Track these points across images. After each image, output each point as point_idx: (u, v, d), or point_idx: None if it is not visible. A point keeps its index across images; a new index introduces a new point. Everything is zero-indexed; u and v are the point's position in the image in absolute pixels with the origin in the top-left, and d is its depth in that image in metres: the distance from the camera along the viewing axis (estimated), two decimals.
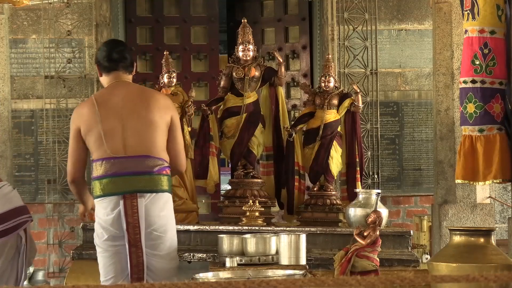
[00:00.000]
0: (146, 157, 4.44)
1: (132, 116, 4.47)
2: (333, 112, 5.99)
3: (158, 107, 4.50)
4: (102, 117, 4.48)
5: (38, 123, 8.69)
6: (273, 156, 6.13)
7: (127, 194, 4.41)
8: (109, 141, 4.45)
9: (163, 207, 4.47)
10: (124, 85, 4.59)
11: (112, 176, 4.43)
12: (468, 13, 5.26)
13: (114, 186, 4.43)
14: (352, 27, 8.74)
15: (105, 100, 4.56)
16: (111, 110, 4.49)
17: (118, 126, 4.45)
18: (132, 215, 4.40)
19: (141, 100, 4.51)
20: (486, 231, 4.29)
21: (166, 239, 4.49)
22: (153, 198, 4.43)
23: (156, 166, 4.45)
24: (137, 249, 4.42)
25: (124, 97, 4.52)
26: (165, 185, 4.48)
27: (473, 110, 5.27)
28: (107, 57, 4.63)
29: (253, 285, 2.15)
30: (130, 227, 4.40)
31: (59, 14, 8.67)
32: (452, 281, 2.21)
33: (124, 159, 4.43)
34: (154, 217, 4.43)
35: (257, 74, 5.98)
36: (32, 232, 8.50)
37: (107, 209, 4.44)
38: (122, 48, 4.68)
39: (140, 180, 4.43)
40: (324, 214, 5.90)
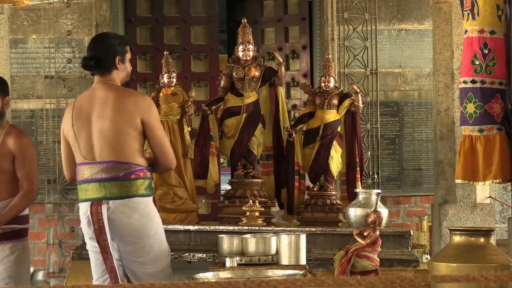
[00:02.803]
0: (113, 162, 4.39)
1: (99, 120, 4.41)
2: (333, 112, 5.99)
3: (124, 111, 4.41)
4: (74, 121, 4.49)
5: (38, 123, 8.69)
6: (273, 156, 6.13)
7: (94, 201, 4.39)
8: (84, 147, 4.45)
9: (132, 214, 4.39)
10: (101, 88, 4.51)
11: (84, 182, 4.44)
12: (468, 13, 5.26)
13: (84, 193, 4.45)
14: (352, 27, 8.75)
15: (80, 103, 4.54)
16: (82, 114, 4.47)
17: (87, 131, 4.43)
18: (98, 221, 4.37)
19: (110, 103, 4.43)
20: (486, 231, 4.29)
21: (143, 245, 4.43)
22: (118, 204, 4.38)
23: (122, 171, 4.38)
24: (108, 255, 4.40)
25: (95, 100, 4.47)
26: (133, 190, 4.40)
27: (473, 110, 5.28)
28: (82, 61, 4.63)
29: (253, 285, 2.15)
30: (97, 233, 4.38)
31: (59, 14, 8.68)
32: (452, 281, 2.21)
33: (92, 164, 4.42)
34: (122, 224, 4.38)
35: (257, 74, 5.98)
36: (32, 232, 8.54)
37: (81, 215, 4.48)
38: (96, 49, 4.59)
39: (106, 186, 4.39)
40: (324, 214, 5.90)
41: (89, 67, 4.57)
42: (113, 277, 4.41)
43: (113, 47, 4.57)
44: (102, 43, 4.61)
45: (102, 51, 4.57)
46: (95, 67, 4.54)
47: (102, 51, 4.57)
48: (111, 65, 4.53)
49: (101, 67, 4.54)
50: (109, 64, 4.53)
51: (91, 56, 4.57)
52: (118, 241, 4.44)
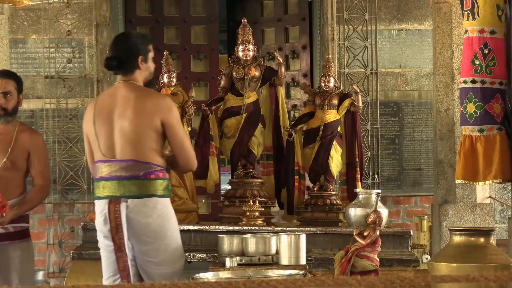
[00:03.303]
0: (133, 161, 4.40)
1: (120, 120, 4.42)
2: (333, 112, 5.99)
3: (144, 112, 4.42)
4: (95, 119, 4.48)
5: (38, 123, 8.69)
6: (273, 156, 6.12)
7: (112, 199, 4.39)
8: (102, 143, 4.45)
9: (150, 213, 4.41)
10: (123, 87, 4.52)
11: (102, 180, 4.44)
12: (468, 13, 5.26)
13: (103, 190, 4.44)
14: (352, 27, 8.75)
15: (102, 101, 4.55)
16: (103, 112, 4.47)
17: (109, 129, 4.43)
18: (115, 219, 4.37)
19: (131, 104, 4.43)
20: (486, 231, 4.29)
21: (159, 245, 4.44)
22: (137, 203, 4.38)
23: (142, 170, 4.39)
24: (122, 254, 4.39)
25: (117, 99, 4.47)
26: (152, 190, 4.41)
27: (473, 110, 5.28)
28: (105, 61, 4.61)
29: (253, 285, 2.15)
30: (114, 231, 4.38)
31: (59, 14, 8.68)
32: (452, 281, 2.21)
33: (113, 162, 4.42)
34: (140, 223, 4.39)
35: (257, 74, 5.98)
36: (32, 232, 8.53)
37: (97, 212, 4.47)
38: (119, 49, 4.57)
39: (125, 185, 4.39)
40: (324, 214, 5.90)
41: (112, 67, 4.55)
42: (124, 277, 4.41)
43: (136, 46, 4.56)
44: (125, 43, 4.59)
45: (124, 51, 4.55)
46: (117, 67, 4.52)
47: (125, 51, 4.55)
48: (133, 65, 4.53)
49: (124, 67, 4.53)
50: (132, 64, 4.52)
51: (114, 56, 4.55)
52: (134, 241, 4.43)
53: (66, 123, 8.66)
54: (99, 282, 4.65)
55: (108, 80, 8.74)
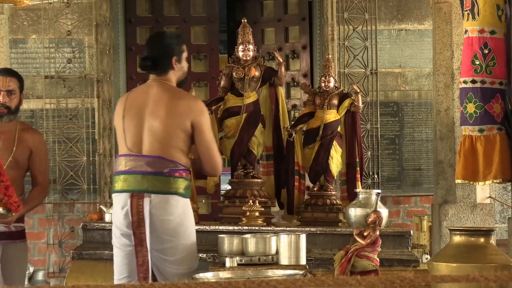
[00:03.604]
0: (159, 158, 4.45)
1: (151, 116, 4.48)
2: (333, 112, 5.99)
3: (177, 113, 4.49)
4: (126, 113, 4.54)
5: (38, 123, 8.69)
6: (273, 156, 6.12)
7: (135, 193, 4.43)
8: (129, 138, 4.51)
9: (172, 210, 4.46)
10: (157, 86, 4.58)
11: (125, 173, 4.48)
12: (468, 13, 5.26)
13: (125, 183, 4.48)
14: (352, 27, 8.75)
15: (134, 97, 4.62)
16: (134, 108, 4.53)
17: (139, 124, 4.49)
18: (138, 214, 4.41)
19: (163, 103, 4.51)
20: (486, 231, 4.29)
21: (177, 244, 4.48)
22: (160, 199, 4.44)
23: (167, 167, 4.45)
24: (143, 248, 4.43)
25: (149, 97, 4.54)
26: (176, 187, 4.47)
27: (473, 110, 5.27)
28: (140, 61, 4.69)
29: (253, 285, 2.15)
30: (135, 226, 4.42)
31: (59, 14, 8.67)
32: (452, 281, 2.21)
33: (138, 157, 4.47)
34: (160, 220, 4.43)
35: (257, 74, 5.98)
36: (32, 232, 8.54)
37: (118, 206, 4.50)
38: (153, 49, 4.63)
39: (149, 180, 4.44)
40: (324, 214, 5.90)
41: (146, 67, 4.62)
42: (142, 271, 4.43)
43: (170, 47, 4.61)
44: (159, 43, 4.65)
45: (159, 51, 4.61)
46: (151, 67, 4.59)
47: (159, 51, 4.61)
48: (167, 65, 4.59)
49: (158, 68, 4.59)
50: (166, 64, 4.58)
51: (148, 56, 4.61)
52: (153, 238, 4.46)
53: (66, 123, 8.66)
54: (99, 282, 4.66)
55: (108, 80, 8.74)
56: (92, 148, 8.63)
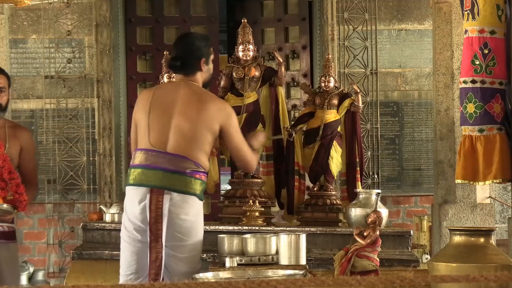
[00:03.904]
0: (183, 157, 4.50)
1: (180, 116, 4.54)
2: (333, 112, 5.98)
3: (206, 115, 4.56)
4: (152, 109, 4.57)
5: (38, 123, 8.69)
6: (273, 156, 6.12)
7: (155, 189, 4.45)
8: (154, 134, 4.54)
9: (189, 210, 4.52)
10: (186, 86, 4.64)
11: (145, 168, 4.51)
12: (468, 13, 5.26)
13: (145, 177, 4.50)
14: (352, 27, 8.75)
15: (162, 93, 4.66)
16: (163, 104, 4.58)
17: (165, 122, 4.53)
18: (156, 210, 4.44)
19: (194, 103, 4.57)
20: (486, 231, 4.29)
21: (188, 243, 4.54)
22: (179, 198, 4.49)
23: (189, 168, 4.50)
24: (157, 245, 4.46)
25: (179, 96, 4.59)
26: (195, 188, 4.54)
27: (473, 110, 5.28)
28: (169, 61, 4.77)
29: (253, 285, 2.15)
30: (153, 221, 4.44)
31: (59, 14, 8.67)
32: (452, 281, 2.21)
33: (161, 154, 4.50)
34: (177, 218, 4.48)
35: (257, 74, 5.98)
36: (32, 232, 8.55)
37: (134, 200, 4.51)
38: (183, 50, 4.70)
39: (170, 178, 4.48)
40: (324, 214, 5.90)
41: (175, 67, 4.69)
42: (155, 268, 4.45)
43: (200, 49, 4.70)
44: (189, 45, 4.72)
45: (188, 53, 4.68)
46: (180, 68, 4.66)
47: (188, 52, 4.68)
48: (196, 66, 4.66)
49: (186, 68, 4.66)
50: (195, 65, 4.66)
51: (178, 56, 4.67)
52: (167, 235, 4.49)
53: (66, 123, 8.66)
54: (99, 282, 4.66)
55: (108, 80, 8.74)
56: (92, 148, 8.63)
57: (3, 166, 4.87)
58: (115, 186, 8.72)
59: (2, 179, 4.87)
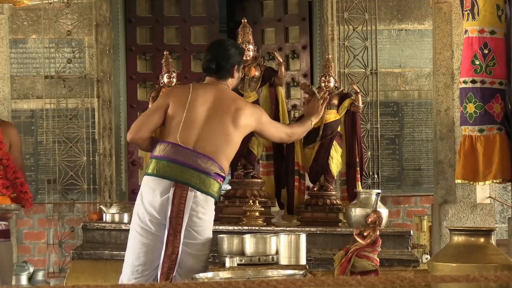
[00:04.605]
0: (210, 159, 4.59)
1: (215, 118, 4.64)
2: (333, 112, 5.98)
3: (239, 122, 4.70)
4: (190, 106, 4.65)
5: (38, 123, 8.69)
6: (273, 156, 6.12)
7: (179, 184, 4.50)
8: (185, 130, 4.60)
9: (206, 210, 4.62)
10: (219, 88, 4.77)
11: (170, 161, 4.55)
12: (468, 13, 5.26)
13: (170, 170, 4.54)
14: (352, 27, 8.75)
15: (200, 92, 4.74)
16: (200, 103, 4.67)
17: (200, 121, 4.62)
18: (179, 205, 4.49)
19: (230, 108, 4.69)
20: (486, 231, 4.29)
21: (201, 240, 4.63)
22: (201, 197, 4.58)
23: (213, 171, 4.60)
24: (175, 239, 4.50)
25: (217, 98, 4.71)
26: (215, 191, 4.65)
27: (473, 110, 5.27)
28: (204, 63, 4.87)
29: (253, 285, 2.15)
30: (174, 216, 4.49)
31: (59, 14, 8.68)
32: (452, 281, 2.21)
33: (189, 151, 4.57)
34: (196, 217, 4.57)
35: (257, 74, 5.98)
36: (32, 232, 8.55)
37: (155, 191, 4.55)
38: (219, 54, 4.81)
39: (195, 176, 4.55)
40: (324, 214, 5.90)
41: (210, 70, 4.81)
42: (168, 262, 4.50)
43: (235, 56, 4.87)
44: (226, 50, 4.87)
45: (224, 58, 4.83)
46: (215, 71, 4.79)
47: (224, 57, 4.83)
48: (229, 72, 4.83)
49: (220, 72, 4.80)
50: (228, 71, 4.82)
51: (213, 59, 4.80)
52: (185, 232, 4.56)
53: (66, 123, 8.66)
54: (99, 282, 4.66)
55: (108, 80, 8.74)
56: (92, 148, 8.63)
57: (7, 165, 4.88)
58: (115, 186, 8.72)
59: (6, 178, 4.88)
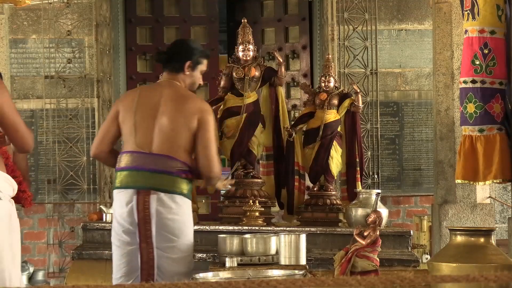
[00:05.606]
0: (168, 157, 4.48)
1: (162, 116, 4.52)
2: (333, 112, 5.99)
3: (185, 111, 4.53)
4: (137, 109, 4.57)
5: (38, 123, 8.69)
6: (273, 156, 6.12)
7: (141, 190, 4.45)
8: (139, 135, 4.54)
9: (177, 210, 4.49)
10: (168, 85, 4.66)
11: (131, 169, 4.50)
12: (468, 13, 5.27)
13: (131, 179, 4.49)
14: (352, 27, 8.74)
15: (147, 94, 4.68)
16: (147, 106, 4.57)
17: (150, 122, 4.53)
18: (144, 210, 4.43)
19: (174, 102, 4.56)
20: (486, 231, 4.29)
21: (180, 243, 4.50)
22: (166, 197, 4.46)
23: (175, 167, 4.48)
24: (148, 246, 4.44)
25: (163, 96, 4.60)
26: (182, 188, 4.51)
27: (473, 110, 5.28)
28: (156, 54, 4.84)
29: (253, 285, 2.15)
30: (141, 223, 4.44)
31: (59, 14, 8.67)
32: (452, 281, 2.21)
33: (146, 155, 4.50)
34: (166, 218, 4.46)
35: (257, 74, 5.98)
36: (32, 232, 8.54)
37: (122, 202, 4.51)
38: (173, 48, 4.75)
39: (157, 178, 4.47)
40: (324, 214, 5.90)
41: (160, 60, 4.74)
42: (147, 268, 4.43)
43: (188, 52, 4.71)
44: (180, 45, 4.79)
45: (176, 51, 4.73)
46: (165, 61, 4.69)
47: (176, 50, 4.73)
48: (180, 66, 4.67)
49: (170, 64, 4.69)
50: (179, 65, 4.68)
51: (166, 51, 4.75)
52: (158, 236, 4.48)
53: (66, 123, 8.65)
54: (99, 282, 4.66)
55: (108, 80, 8.74)
56: None
57: (6, 164, 4.87)
58: None
59: None
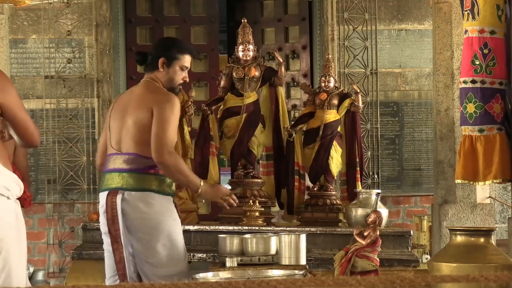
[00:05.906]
0: (135, 155, 4.46)
1: (128, 115, 4.52)
2: (333, 112, 5.99)
3: (143, 106, 4.48)
4: (112, 113, 4.62)
5: (38, 123, 8.68)
6: (273, 156, 6.12)
7: (111, 191, 4.45)
8: (112, 137, 4.57)
9: (146, 209, 4.42)
10: (142, 85, 4.66)
11: (106, 172, 4.54)
12: (468, 13, 5.27)
13: (105, 182, 4.54)
14: (352, 27, 8.74)
15: (122, 97, 4.74)
16: (119, 107, 4.59)
17: (119, 123, 4.54)
18: (112, 211, 4.42)
19: (139, 100, 4.54)
20: (486, 231, 4.29)
21: (155, 244, 4.43)
22: (133, 196, 4.42)
23: (142, 164, 4.44)
24: (118, 245, 4.41)
25: (131, 95, 4.62)
26: (152, 184, 4.44)
27: (473, 110, 5.28)
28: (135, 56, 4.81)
29: (253, 285, 2.15)
30: (110, 223, 4.42)
31: (59, 14, 8.67)
32: (452, 281, 2.21)
33: (119, 155, 4.51)
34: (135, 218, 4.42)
35: (257, 74, 5.98)
36: (32, 232, 8.53)
37: (100, 205, 4.56)
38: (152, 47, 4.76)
39: (124, 177, 4.45)
40: (324, 214, 5.90)
41: (137, 61, 4.76)
42: (120, 269, 4.41)
43: (163, 49, 4.67)
44: (156, 43, 4.86)
45: (152, 49, 4.74)
46: (140, 61, 4.71)
47: (152, 48, 4.75)
48: (154, 64, 4.63)
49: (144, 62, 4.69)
50: (153, 63, 4.64)
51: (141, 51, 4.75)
52: (132, 238, 4.45)
53: (66, 123, 8.65)
54: (99, 282, 4.67)
55: (108, 80, 8.74)
56: (92, 148, 8.62)
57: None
58: None
59: None
